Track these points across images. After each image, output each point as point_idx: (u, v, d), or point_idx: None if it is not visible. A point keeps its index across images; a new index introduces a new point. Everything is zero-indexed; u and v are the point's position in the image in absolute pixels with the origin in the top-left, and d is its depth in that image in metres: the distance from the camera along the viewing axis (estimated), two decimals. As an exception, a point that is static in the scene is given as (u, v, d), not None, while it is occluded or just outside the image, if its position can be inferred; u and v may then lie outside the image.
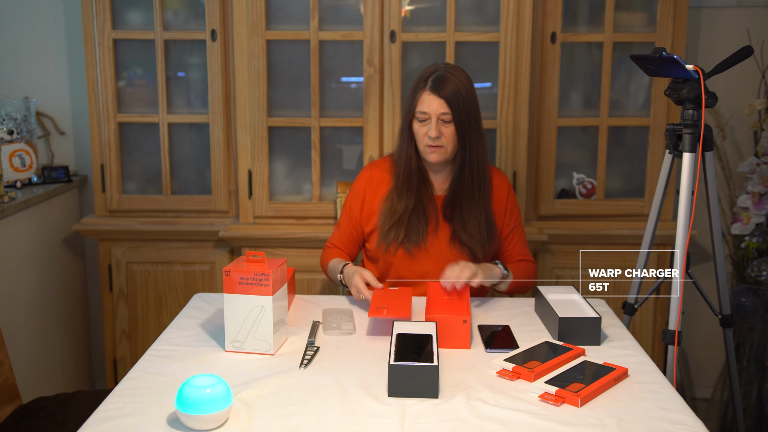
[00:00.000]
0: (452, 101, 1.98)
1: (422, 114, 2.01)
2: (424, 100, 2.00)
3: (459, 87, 1.99)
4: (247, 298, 1.61)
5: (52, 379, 2.81)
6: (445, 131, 2.01)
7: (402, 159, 2.09)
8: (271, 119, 2.67)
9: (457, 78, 2.00)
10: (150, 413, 1.38)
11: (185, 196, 2.80)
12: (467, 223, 2.08)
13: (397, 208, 2.08)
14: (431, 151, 2.03)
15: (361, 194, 2.17)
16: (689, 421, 1.37)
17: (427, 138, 2.02)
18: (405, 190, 2.08)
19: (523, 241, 2.21)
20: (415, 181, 2.09)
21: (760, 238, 2.80)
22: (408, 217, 2.07)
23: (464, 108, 1.99)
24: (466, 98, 2.00)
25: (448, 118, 1.99)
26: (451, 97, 1.98)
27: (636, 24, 2.73)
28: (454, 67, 2.05)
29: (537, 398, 1.45)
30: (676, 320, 1.96)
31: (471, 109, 2.02)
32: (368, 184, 2.17)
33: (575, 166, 2.82)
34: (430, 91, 1.99)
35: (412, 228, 2.07)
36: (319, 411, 1.39)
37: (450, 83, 1.98)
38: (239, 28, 2.60)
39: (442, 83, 1.98)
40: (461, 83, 2.00)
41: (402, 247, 2.07)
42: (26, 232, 2.66)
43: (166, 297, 2.81)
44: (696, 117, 1.96)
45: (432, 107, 1.99)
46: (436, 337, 1.59)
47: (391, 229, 2.07)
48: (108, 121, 2.73)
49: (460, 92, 1.99)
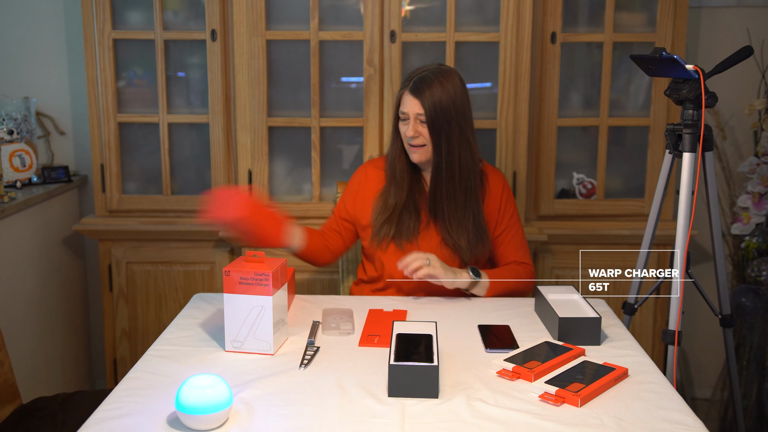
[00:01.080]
0: (427, 104, 2.00)
1: (402, 113, 2.06)
2: (404, 100, 2.04)
3: (439, 90, 2.00)
4: (247, 298, 1.61)
5: (52, 379, 2.81)
6: (422, 131, 2.03)
7: (390, 157, 2.14)
8: (271, 119, 2.67)
9: (442, 81, 2.01)
10: (150, 413, 1.37)
11: (185, 196, 2.80)
12: (450, 226, 2.08)
13: (389, 204, 2.11)
14: (412, 151, 2.07)
15: (354, 190, 2.20)
16: (689, 421, 1.37)
17: (406, 137, 2.05)
18: (395, 188, 2.11)
19: (518, 242, 2.17)
20: (406, 179, 2.11)
21: (760, 238, 2.80)
22: (399, 213, 2.10)
23: (440, 111, 2.00)
24: (445, 102, 2.00)
25: (423, 119, 2.02)
26: (426, 100, 2.00)
27: (636, 24, 2.73)
28: (443, 70, 2.05)
29: (537, 398, 1.44)
30: (676, 320, 1.96)
31: (450, 113, 2.01)
32: (363, 180, 2.20)
33: (575, 166, 2.82)
34: (409, 92, 2.03)
35: (403, 224, 2.09)
36: (319, 411, 1.39)
37: (430, 86, 2.00)
38: (239, 28, 2.60)
39: (421, 85, 2.00)
40: (444, 87, 2.00)
41: (393, 242, 2.09)
42: (26, 232, 2.67)
43: (166, 297, 2.81)
44: (696, 117, 1.96)
45: (409, 107, 2.03)
46: (436, 337, 1.59)
47: (384, 224, 2.10)
48: (108, 121, 2.73)
49: (439, 95, 1.99)
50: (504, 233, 2.16)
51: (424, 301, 2.02)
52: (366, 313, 1.89)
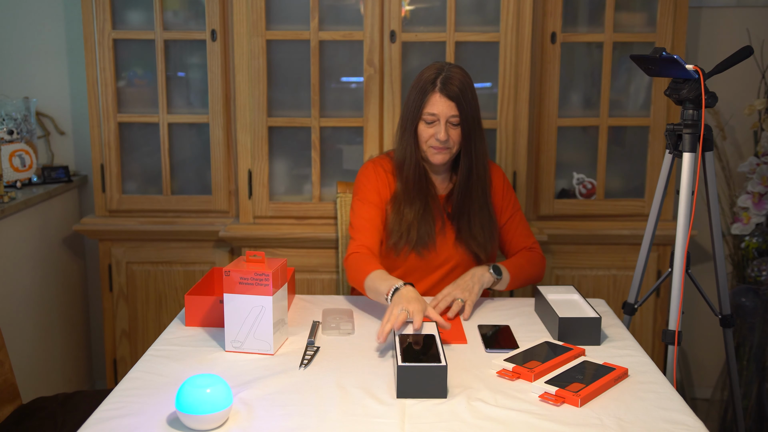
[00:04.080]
0: (461, 103, 1.98)
1: (431, 116, 2.00)
2: (433, 102, 1.99)
3: (465, 88, 1.99)
4: (247, 298, 1.61)
5: (52, 379, 2.81)
6: (452, 133, 2.01)
7: (409, 164, 2.06)
8: (271, 119, 2.67)
9: (462, 79, 2.00)
10: (150, 413, 1.38)
11: (185, 196, 2.80)
12: (472, 225, 2.08)
13: (406, 214, 2.06)
14: (436, 152, 2.03)
15: (376, 186, 2.11)
16: (689, 421, 1.37)
17: (433, 140, 2.01)
18: (414, 196, 2.07)
19: (524, 227, 2.19)
20: (424, 185, 2.08)
21: (760, 238, 2.80)
22: (418, 222, 2.06)
23: (471, 110, 2.00)
24: (474, 105, 2.01)
25: (456, 120, 1.99)
26: (460, 100, 1.97)
27: (636, 24, 2.73)
28: (456, 67, 2.04)
29: (537, 398, 1.45)
30: (676, 320, 1.96)
31: (476, 111, 2.03)
32: (377, 177, 2.12)
33: (575, 166, 2.82)
34: (440, 93, 1.98)
35: (422, 231, 2.06)
36: (319, 411, 1.39)
37: (457, 85, 1.98)
38: (239, 28, 2.60)
39: (450, 85, 1.98)
40: (466, 84, 2.00)
41: (414, 251, 2.07)
42: (26, 232, 2.67)
43: (166, 297, 2.81)
44: (696, 117, 1.96)
45: (441, 109, 1.98)
46: (439, 337, 1.59)
47: (402, 236, 2.06)
48: (108, 121, 2.73)
49: (467, 94, 1.99)
50: (510, 220, 2.17)
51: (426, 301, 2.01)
52: (366, 313, 1.89)
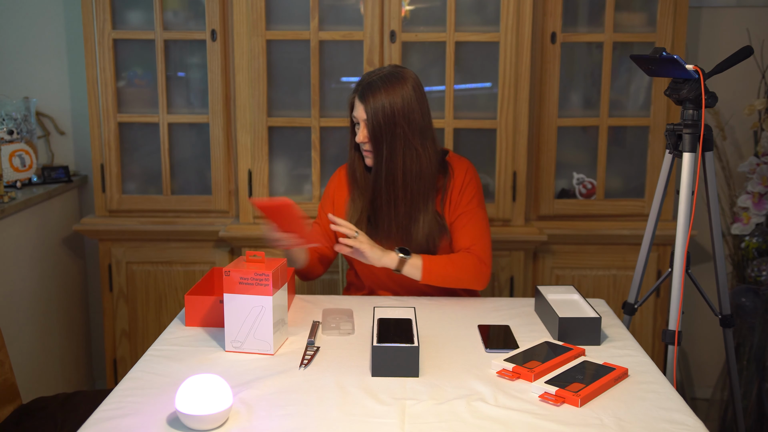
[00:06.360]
0: (370, 111, 1.97)
1: (354, 118, 2.05)
2: (355, 105, 2.03)
3: (383, 97, 1.96)
4: (247, 298, 1.61)
5: (52, 379, 2.81)
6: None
7: (350, 162, 2.13)
8: (271, 119, 2.67)
9: (389, 88, 1.97)
10: (150, 413, 1.38)
11: (185, 196, 2.80)
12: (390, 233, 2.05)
13: (353, 211, 2.10)
14: (365, 155, 2.06)
15: (331, 196, 2.19)
16: (689, 421, 1.37)
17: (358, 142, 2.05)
18: (356, 193, 2.11)
19: (474, 232, 2.06)
20: (368, 183, 2.08)
21: (760, 238, 2.80)
22: (366, 218, 2.08)
23: (382, 118, 1.96)
24: (389, 109, 1.96)
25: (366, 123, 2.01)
26: (369, 107, 1.97)
27: (636, 24, 2.73)
28: (394, 74, 2.00)
29: (537, 398, 1.45)
30: (676, 320, 1.96)
31: (393, 120, 1.97)
32: (338, 185, 2.19)
33: (575, 166, 2.82)
34: (357, 97, 2.01)
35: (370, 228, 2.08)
36: (319, 411, 1.39)
37: (375, 93, 1.97)
38: (239, 28, 2.60)
39: (368, 91, 1.98)
40: (390, 94, 1.96)
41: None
42: (26, 232, 2.67)
43: (166, 297, 2.81)
44: (696, 117, 1.96)
45: (357, 113, 2.02)
46: (415, 321, 1.65)
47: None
48: (108, 121, 2.73)
49: (382, 103, 1.96)
50: (458, 219, 2.08)
51: (425, 301, 2.02)
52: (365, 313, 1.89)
